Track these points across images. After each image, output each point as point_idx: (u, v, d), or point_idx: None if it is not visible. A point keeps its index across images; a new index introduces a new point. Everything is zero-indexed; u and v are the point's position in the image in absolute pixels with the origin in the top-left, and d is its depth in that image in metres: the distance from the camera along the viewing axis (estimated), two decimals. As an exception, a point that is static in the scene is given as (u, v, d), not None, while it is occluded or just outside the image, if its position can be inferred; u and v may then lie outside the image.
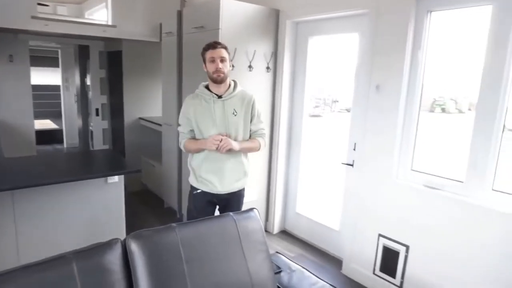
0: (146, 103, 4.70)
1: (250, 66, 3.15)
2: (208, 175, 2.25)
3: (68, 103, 6.89)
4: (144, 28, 4.06)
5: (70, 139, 6.94)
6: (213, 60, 2.12)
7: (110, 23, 3.94)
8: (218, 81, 2.15)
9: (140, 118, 4.67)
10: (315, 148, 3.52)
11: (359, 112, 2.75)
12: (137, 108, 4.66)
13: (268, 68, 3.29)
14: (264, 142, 2.36)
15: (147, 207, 4.30)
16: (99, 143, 5.22)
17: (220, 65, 2.12)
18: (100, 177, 2.51)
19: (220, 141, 2.11)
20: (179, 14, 3.52)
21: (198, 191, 2.31)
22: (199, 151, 2.26)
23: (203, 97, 2.22)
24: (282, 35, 3.29)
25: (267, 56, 3.27)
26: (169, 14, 3.66)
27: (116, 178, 2.58)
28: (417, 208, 2.44)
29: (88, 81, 5.40)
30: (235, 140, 2.21)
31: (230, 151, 2.16)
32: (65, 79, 6.90)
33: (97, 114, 5.12)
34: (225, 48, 2.18)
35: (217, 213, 2.41)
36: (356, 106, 2.82)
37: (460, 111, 2.55)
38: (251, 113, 2.27)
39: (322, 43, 3.27)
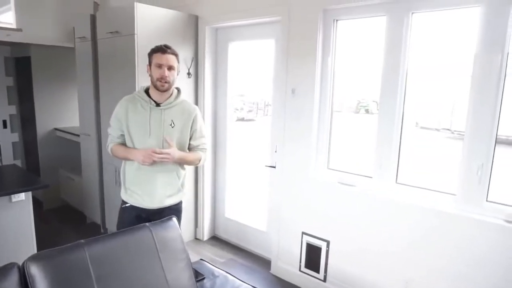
0: (61, 112, 4.37)
1: (170, 72, 3.09)
2: (137, 188, 2.07)
3: (-29, 115, 6.14)
4: (55, 33, 3.78)
5: (-26, 155, 6.18)
6: (159, 66, 1.96)
7: (15, 26, 3.60)
8: (161, 89, 1.99)
9: (56, 129, 4.33)
10: (242, 152, 3.56)
11: (278, 115, 2.85)
12: (51, 118, 4.30)
13: (189, 74, 3.27)
14: (205, 156, 2.20)
15: (68, 224, 3.99)
16: (9, 158, 4.72)
17: (167, 73, 1.95)
18: (2, 196, 2.27)
19: (160, 154, 1.93)
20: (93, 18, 3.34)
21: (127, 205, 2.11)
22: (126, 160, 2.09)
23: (140, 101, 2.03)
24: (202, 41, 3.28)
25: (188, 61, 3.24)
26: (82, 18, 3.45)
27: (22, 196, 2.35)
28: (334, 204, 2.59)
29: (-7, 90, 4.85)
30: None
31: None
32: (-35, 88, 6.13)
33: (5, 126, 4.63)
34: (176, 55, 2.02)
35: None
36: (276, 109, 2.92)
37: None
38: (192, 127, 2.11)
39: (243, 49, 3.34)
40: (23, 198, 2.37)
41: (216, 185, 3.64)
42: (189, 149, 2.16)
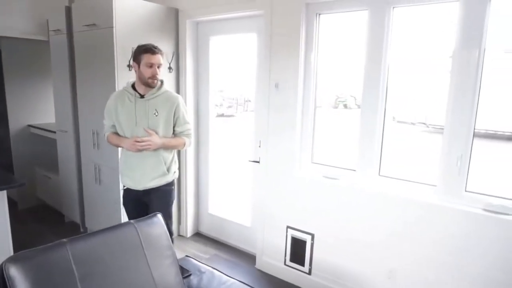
0: (35, 108, 4.20)
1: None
2: (128, 172, 2.32)
3: None
4: (27, 25, 3.62)
5: None
6: (151, 66, 2.15)
7: (-18, 18, 3.43)
8: (153, 86, 2.20)
9: (30, 126, 4.17)
10: (225, 147, 3.54)
11: (261, 110, 2.83)
12: (25, 114, 4.14)
13: (170, 68, 3.20)
14: (189, 141, 2.41)
15: (45, 224, 3.86)
16: (-21, 157, 4.52)
17: (157, 71, 2.17)
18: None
19: (141, 142, 2.17)
20: (68, 10, 3.22)
21: (125, 187, 2.40)
22: (118, 147, 2.46)
23: (127, 95, 2.25)
24: (182, 35, 3.23)
25: (168, 56, 3.18)
26: (57, 10, 3.32)
27: (-4, 195, 2.26)
28: (318, 198, 2.61)
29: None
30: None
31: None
32: None
33: (-25, 124, 4.42)
34: (162, 54, 2.23)
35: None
36: (259, 104, 2.91)
37: (359, 107, 2.80)
38: (175, 114, 2.29)
39: (225, 43, 3.30)
40: (-3, 198, 2.27)
41: (199, 181, 3.60)
42: (175, 135, 2.34)
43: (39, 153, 4.27)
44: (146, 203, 2.36)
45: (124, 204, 2.47)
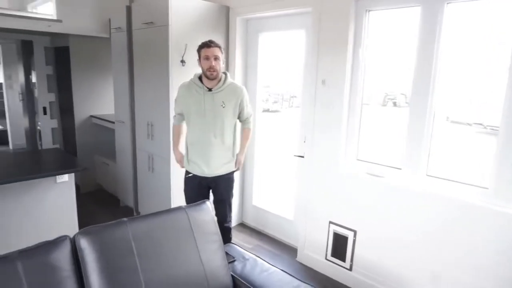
0: (97, 100, 4.57)
1: (202, 62, 3.17)
2: (198, 159, 2.48)
3: (12, 102, 6.46)
4: (92, 24, 3.93)
5: (16, 140, 6.52)
6: (207, 58, 2.31)
7: (55, 17, 3.77)
8: (211, 77, 2.35)
9: (92, 116, 4.53)
10: (271, 142, 3.62)
11: (308, 106, 2.87)
12: (88, 106, 4.51)
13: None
14: (252, 127, 2.72)
15: (103, 207, 4.20)
16: (48, 143, 4.98)
17: (214, 63, 2.31)
18: (48, 176, 2.44)
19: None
20: (128, 10, 3.46)
21: (190, 175, 2.55)
22: (173, 144, 2.72)
23: (194, 87, 2.42)
24: (232, 32, 3.34)
25: (219, 52, 3.30)
26: (118, 9, 3.58)
27: (66, 177, 2.52)
28: (362, 195, 2.61)
29: (34, 79, 5.12)
30: (222, 128, 2.43)
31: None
32: (7, 76, 6.46)
33: (45, 113, 4.88)
34: (219, 47, 2.36)
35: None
36: (305, 100, 2.95)
37: (410, 105, 2.75)
38: (240, 105, 2.49)
39: (273, 39, 3.37)
40: (67, 180, 2.53)
41: (245, 173, 3.72)
42: (240, 120, 2.60)
43: (99, 142, 4.64)
44: (209, 190, 2.58)
45: (186, 191, 2.62)
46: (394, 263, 2.49)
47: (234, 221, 3.74)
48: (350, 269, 2.75)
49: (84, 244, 1.43)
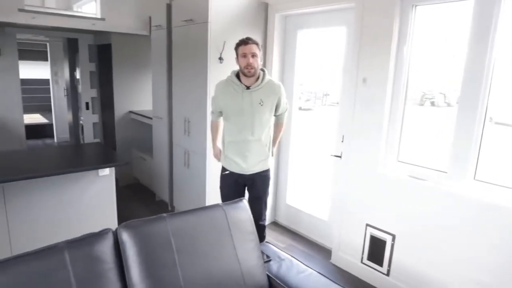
0: (136, 96, 4.70)
1: (239, 60, 3.17)
2: (236, 157, 2.48)
3: (58, 97, 6.83)
4: (133, 21, 4.05)
5: (60, 134, 6.88)
6: (244, 55, 2.28)
7: (99, 16, 3.91)
8: (249, 75, 2.32)
9: (131, 112, 4.67)
10: (305, 141, 3.56)
11: (347, 104, 2.80)
12: (127, 102, 4.65)
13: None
14: (285, 120, 2.67)
15: (139, 200, 4.32)
16: (89, 137, 5.20)
17: (251, 60, 2.27)
18: (91, 169, 2.53)
19: None
20: (168, 7, 3.51)
21: (226, 172, 2.56)
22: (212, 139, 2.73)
23: (232, 85, 2.40)
24: (271, 28, 3.31)
25: (256, 49, 3.29)
26: (158, 7, 3.65)
27: (107, 171, 2.60)
28: (402, 198, 2.51)
29: (78, 75, 5.35)
30: (259, 126, 2.42)
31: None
32: (54, 72, 6.82)
33: (87, 108, 5.10)
34: (256, 44, 2.32)
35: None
36: (344, 99, 2.87)
37: (449, 105, 2.61)
38: (278, 102, 2.48)
39: (311, 36, 3.30)
40: (108, 173, 2.62)
41: (279, 171, 3.69)
42: (274, 115, 2.53)
43: (137, 137, 4.77)
44: (244, 188, 2.58)
45: (222, 188, 2.63)
46: (436, 271, 2.37)
47: (267, 219, 3.72)
48: (388, 274, 2.65)
49: (126, 237, 1.46)
